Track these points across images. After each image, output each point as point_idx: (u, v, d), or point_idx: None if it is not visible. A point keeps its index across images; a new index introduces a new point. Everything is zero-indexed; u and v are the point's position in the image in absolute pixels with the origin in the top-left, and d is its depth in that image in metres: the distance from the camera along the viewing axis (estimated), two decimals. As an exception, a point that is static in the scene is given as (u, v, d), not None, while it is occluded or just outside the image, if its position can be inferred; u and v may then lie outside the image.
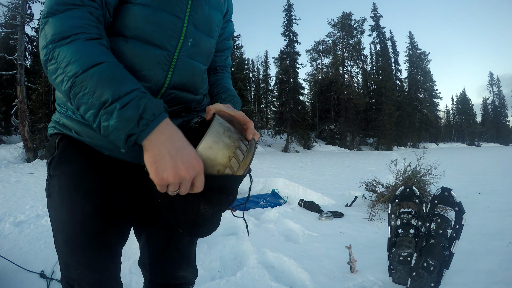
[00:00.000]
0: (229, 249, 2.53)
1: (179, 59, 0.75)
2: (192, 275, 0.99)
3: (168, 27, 0.71)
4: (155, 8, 0.69)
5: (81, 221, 0.73)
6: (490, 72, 54.34)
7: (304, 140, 19.71)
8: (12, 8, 8.67)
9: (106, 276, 0.79)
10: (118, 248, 0.82)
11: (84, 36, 0.58)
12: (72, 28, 0.58)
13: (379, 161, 11.18)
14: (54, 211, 0.76)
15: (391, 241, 2.06)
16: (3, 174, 5.48)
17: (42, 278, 1.92)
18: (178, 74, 0.76)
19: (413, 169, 3.90)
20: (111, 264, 0.80)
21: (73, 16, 0.59)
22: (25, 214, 2.95)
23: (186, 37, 0.75)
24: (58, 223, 0.76)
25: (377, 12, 30.41)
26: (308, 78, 30.07)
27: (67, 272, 0.78)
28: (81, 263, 0.75)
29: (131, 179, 0.81)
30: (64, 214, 0.74)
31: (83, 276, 0.76)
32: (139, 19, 0.69)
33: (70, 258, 0.76)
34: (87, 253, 0.75)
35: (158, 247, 0.91)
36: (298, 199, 4.16)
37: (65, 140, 0.76)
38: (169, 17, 0.71)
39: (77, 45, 0.57)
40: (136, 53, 0.70)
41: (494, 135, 49.42)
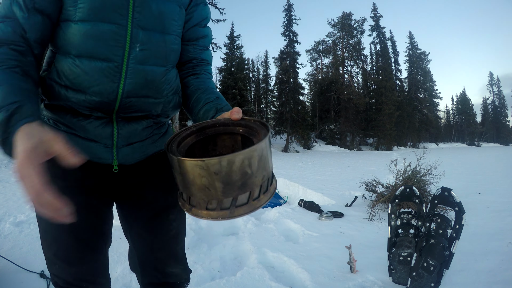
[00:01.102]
0: (229, 249, 2.54)
1: (129, 68, 0.72)
2: (183, 272, 0.98)
3: (109, 37, 0.69)
4: (94, 21, 0.68)
5: (51, 227, 0.78)
6: (490, 72, 54.36)
7: (304, 140, 19.72)
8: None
9: (85, 269, 0.81)
10: (95, 242, 0.83)
11: (3, 67, 0.61)
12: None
13: (379, 161, 11.18)
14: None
15: (391, 241, 2.06)
16: (3, 174, 5.48)
17: (42, 278, 1.92)
18: (130, 83, 0.73)
19: (413, 169, 3.91)
20: (88, 258, 0.82)
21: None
22: (25, 214, 2.95)
23: (132, 42, 0.71)
24: (38, 219, 0.82)
25: (377, 12, 30.42)
26: (308, 78, 30.11)
27: (49, 267, 0.82)
28: (58, 256, 0.80)
29: (103, 180, 0.83)
30: (37, 218, 0.81)
31: (61, 270, 0.81)
32: (80, 36, 0.69)
33: (49, 252, 0.80)
34: (62, 246, 0.79)
35: (144, 247, 0.93)
36: (298, 199, 4.16)
37: None
38: (109, 27, 0.69)
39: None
40: (84, 70, 0.70)
41: (494, 135, 49.43)
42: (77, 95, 0.72)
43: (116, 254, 2.13)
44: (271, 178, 0.56)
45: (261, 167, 0.51)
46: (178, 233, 0.95)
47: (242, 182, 0.49)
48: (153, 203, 0.90)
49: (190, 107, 0.84)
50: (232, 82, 18.97)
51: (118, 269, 2.03)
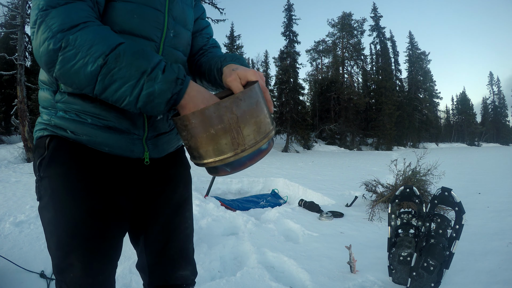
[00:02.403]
0: (229, 249, 2.53)
1: (165, 49, 0.79)
2: (191, 273, 0.97)
3: (152, 19, 0.75)
4: (138, 3, 0.73)
5: (74, 224, 0.72)
6: (490, 72, 54.37)
7: (304, 140, 19.71)
8: (12, 8, 8.66)
9: (100, 280, 0.77)
10: (114, 251, 0.80)
11: (93, 23, 0.61)
12: (80, 17, 0.60)
13: (379, 161, 11.18)
14: (47, 213, 0.74)
15: (391, 241, 2.06)
16: (3, 174, 5.48)
17: (42, 278, 1.92)
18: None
19: (413, 169, 3.90)
20: (106, 268, 0.78)
21: (76, 7, 0.60)
22: (25, 214, 2.95)
23: (168, 28, 0.79)
24: (51, 226, 0.74)
25: (377, 12, 30.40)
26: (308, 78, 30.07)
27: (60, 276, 0.76)
28: (75, 266, 0.73)
29: (129, 177, 0.81)
30: (56, 217, 0.72)
31: (76, 280, 0.74)
32: (125, 13, 0.71)
33: (64, 262, 0.73)
34: (80, 257, 0.73)
35: (157, 247, 0.91)
36: (298, 199, 4.16)
37: (55, 140, 0.74)
38: (152, 11, 0.75)
39: (94, 29, 0.59)
40: None
41: (494, 135, 49.40)
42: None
43: (116, 254, 2.14)
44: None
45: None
46: (191, 232, 0.97)
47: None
48: (172, 199, 0.91)
49: (204, 73, 0.89)
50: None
51: (118, 269, 2.03)
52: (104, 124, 0.72)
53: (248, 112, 0.61)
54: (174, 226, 0.91)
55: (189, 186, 0.99)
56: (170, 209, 0.90)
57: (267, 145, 0.67)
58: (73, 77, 0.59)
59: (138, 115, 0.77)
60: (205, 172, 6.40)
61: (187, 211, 0.95)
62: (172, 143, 0.89)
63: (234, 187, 5.35)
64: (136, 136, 0.77)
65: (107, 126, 0.73)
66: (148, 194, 0.87)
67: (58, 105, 0.73)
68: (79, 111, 0.71)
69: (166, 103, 0.61)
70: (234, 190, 5.32)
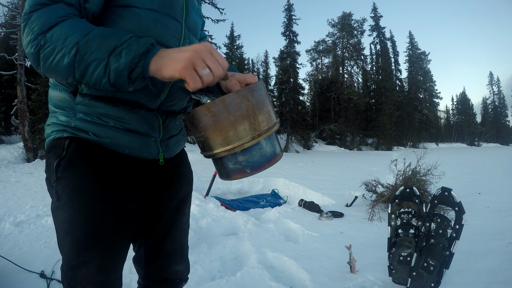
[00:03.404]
0: (229, 249, 2.53)
1: None
2: (185, 269, 1.02)
3: (172, 29, 0.79)
4: (162, 13, 0.76)
5: (92, 222, 0.74)
6: (490, 72, 54.36)
7: (304, 140, 19.71)
8: (12, 8, 8.66)
9: (113, 277, 0.79)
10: (125, 250, 0.83)
11: (70, 18, 0.63)
12: (57, 17, 0.61)
13: (379, 161, 11.18)
14: (63, 212, 0.75)
15: (391, 241, 2.06)
16: (3, 174, 5.48)
17: (42, 278, 1.92)
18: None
19: (413, 169, 3.90)
20: (118, 266, 0.81)
21: (55, 8, 0.62)
22: (25, 214, 2.95)
23: (184, 38, 0.83)
24: (66, 225, 0.75)
25: (377, 12, 30.39)
26: (308, 78, 30.04)
27: (72, 273, 0.76)
28: (89, 264, 0.74)
29: (145, 177, 0.85)
30: (74, 215, 0.74)
31: (88, 277, 0.75)
32: (149, 21, 0.74)
33: (77, 260, 0.75)
34: (96, 254, 0.75)
35: (156, 241, 0.94)
36: (298, 199, 4.16)
37: (76, 142, 0.75)
38: (172, 21, 0.79)
39: (69, 23, 0.61)
40: None
41: (494, 135, 49.39)
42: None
43: (116, 254, 2.14)
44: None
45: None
46: (188, 227, 1.03)
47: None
48: (177, 195, 0.96)
49: None
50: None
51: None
52: (126, 127, 0.76)
53: (260, 101, 0.67)
54: (174, 221, 0.95)
55: (191, 184, 1.05)
56: (173, 205, 0.95)
57: (280, 151, 0.73)
58: (55, 71, 0.62)
59: (155, 118, 0.82)
60: (205, 172, 6.39)
61: (186, 207, 1.01)
62: (180, 144, 0.96)
63: (234, 187, 5.35)
64: (153, 139, 0.83)
65: (128, 129, 0.77)
66: (157, 191, 0.92)
67: (79, 107, 0.74)
68: (101, 114, 0.74)
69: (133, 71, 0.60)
70: (234, 190, 5.32)
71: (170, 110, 0.86)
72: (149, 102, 0.79)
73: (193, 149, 10.18)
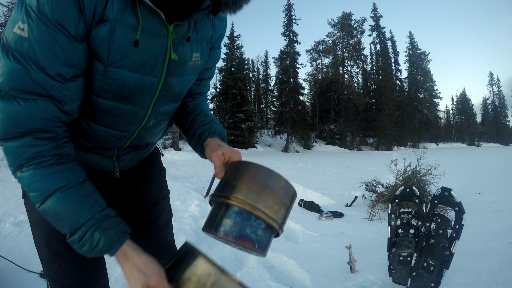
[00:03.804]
0: (229, 249, 2.53)
1: (139, 134, 0.79)
2: None
3: (129, 117, 0.72)
4: (117, 102, 0.68)
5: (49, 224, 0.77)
6: (490, 72, 54.41)
7: (304, 140, 19.72)
8: (12, 8, 8.68)
9: (86, 266, 0.81)
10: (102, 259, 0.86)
11: (37, 162, 0.58)
12: (24, 160, 0.57)
13: (379, 161, 11.18)
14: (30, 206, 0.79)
15: (391, 241, 2.06)
16: (3, 174, 5.48)
17: (42, 278, 1.92)
18: (135, 141, 0.82)
19: (413, 169, 3.91)
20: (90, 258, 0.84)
21: (22, 146, 0.57)
22: (25, 214, 2.95)
23: (149, 118, 0.75)
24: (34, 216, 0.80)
25: (377, 12, 30.41)
26: (308, 78, 30.07)
27: (48, 270, 0.82)
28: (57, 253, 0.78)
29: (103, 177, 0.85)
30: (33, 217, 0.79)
31: (61, 269, 0.79)
32: (100, 111, 0.68)
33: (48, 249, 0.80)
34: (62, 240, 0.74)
35: (135, 241, 0.94)
36: (298, 199, 4.16)
37: None
38: (132, 109, 0.70)
39: (31, 175, 0.57)
40: (98, 134, 0.73)
41: (494, 135, 49.42)
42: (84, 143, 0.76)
43: (116, 254, 2.14)
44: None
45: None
46: (166, 223, 1.02)
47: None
48: (146, 197, 0.95)
49: (186, 129, 0.86)
50: (232, 82, 18.95)
51: (118, 269, 2.03)
52: (79, 143, 0.76)
53: (289, 211, 0.66)
54: (148, 221, 0.95)
55: (164, 186, 1.03)
56: (144, 207, 0.95)
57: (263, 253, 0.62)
58: None
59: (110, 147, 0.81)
60: (205, 172, 6.40)
61: (162, 206, 1.00)
62: (142, 156, 0.94)
63: (234, 187, 5.35)
64: (107, 156, 0.82)
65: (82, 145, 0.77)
66: (121, 194, 0.91)
67: None
68: None
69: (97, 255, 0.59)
70: (234, 190, 5.32)
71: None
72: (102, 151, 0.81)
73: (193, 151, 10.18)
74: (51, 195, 0.57)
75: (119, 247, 0.58)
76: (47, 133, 0.59)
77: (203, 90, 0.95)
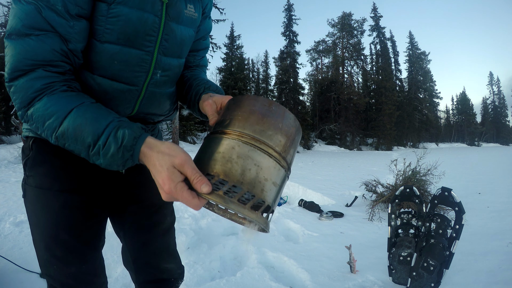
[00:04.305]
0: (229, 249, 2.53)
1: (147, 91, 0.77)
2: (177, 267, 1.01)
3: (135, 63, 0.71)
4: (122, 45, 0.68)
5: (53, 214, 0.76)
6: (490, 72, 54.41)
7: (304, 140, 19.74)
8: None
9: (84, 269, 0.80)
10: (94, 241, 0.84)
11: (49, 91, 0.59)
12: (35, 92, 0.58)
13: (379, 161, 11.18)
14: (30, 207, 0.79)
15: (391, 241, 2.06)
16: (3, 174, 5.48)
17: (42, 278, 1.92)
18: (145, 104, 0.78)
19: (413, 169, 3.90)
20: (87, 257, 0.82)
21: (33, 78, 0.58)
22: (25, 214, 2.95)
23: (156, 68, 0.75)
24: (34, 218, 0.79)
25: (377, 12, 30.41)
26: (308, 78, 30.07)
27: (46, 269, 0.80)
28: (56, 256, 0.77)
29: (105, 178, 0.84)
30: (38, 209, 0.78)
31: (59, 271, 0.78)
32: (106, 58, 0.68)
33: (46, 253, 0.78)
34: (61, 245, 0.77)
35: (137, 243, 0.94)
36: (298, 199, 4.16)
37: (38, 142, 0.79)
38: (137, 53, 0.70)
39: (45, 103, 0.58)
40: (104, 89, 0.71)
41: (494, 135, 49.42)
42: None
43: (116, 254, 2.13)
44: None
45: None
46: (170, 227, 1.00)
47: None
48: (150, 199, 0.93)
49: (184, 94, 0.87)
50: (232, 82, 18.97)
51: (118, 269, 2.03)
52: None
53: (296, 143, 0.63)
54: (152, 224, 0.94)
55: None
56: (148, 209, 0.93)
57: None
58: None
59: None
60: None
61: (166, 209, 0.99)
62: None
63: (234, 187, 5.35)
64: None
65: None
66: (125, 195, 0.91)
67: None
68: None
69: (121, 170, 0.59)
70: (234, 190, 5.32)
71: None
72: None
73: (193, 149, 10.19)
74: (68, 114, 0.57)
75: (144, 139, 0.56)
76: (56, 67, 0.61)
77: (201, 63, 0.96)
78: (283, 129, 0.58)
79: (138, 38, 0.69)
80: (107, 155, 0.56)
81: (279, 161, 0.56)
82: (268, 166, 0.54)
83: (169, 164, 0.51)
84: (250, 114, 0.57)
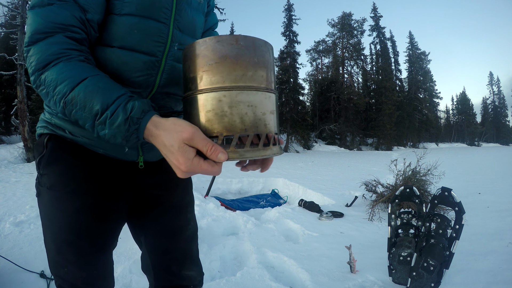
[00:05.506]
0: (229, 249, 2.53)
1: (167, 64, 0.76)
2: (197, 274, 0.98)
3: (154, 33, 0.73)
4: (141, 16, 0.70)
5: (68, 218, 0.75)
6: (490, 72, 54.45)
7: (304, 140, 19.72)
8: (12, 8, 8.66)
9: (95, 274, 0.79)
10: (107, 246, 0.82)
11: (65, 58, 0.60)
12: (52, 55, 0.59)
13: (379, 161, 11.18)
14: (43, 208, 0.78)
15: (391, 241, 2.06)
16: (3, 174, 5.48)
17: (42, 278, 1.92)
18: (166, 78, 0.77)
19: (413, 169, 3.90)
20: (100, 262, 0.81)
21: (52, 43, 0.60)
22: (25, 214, 2.95)
23: (173, 41, 0.76)
24: (47, 221, 0.77)
25: (377, 12, 30.40)
26: (308, 78, 30.05)
27: (55, 270, 0.79)
28: (68, 260, 0.76)
29: (124, 178, 0.82)
30: (52, 211, 0.76)
31: (70, 274, 0.77)
32: (125, 28, 0.70)
33: (58, 255, 0.77)
34: (73, 250, 0.76)
35: (159, 249, 0.91)
36: (298, 199, 4.16)
37: (54, 139, 0.78)
38: (155, 24, 0.72)
39: (59, 68, 0.59)
40: (125, 61, 0.71)
41: (494, 135, 49.41)
42: None
43: (116, 254, 2.13)
44: None
45: None
46: (193, 233, 0.97)
47: None
48: (171, 203, 0.91)
49: None
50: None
51: (118, 269, 2.03)
52: None
53: (272, 63, 0.63)
54: (175, 229, 0.92)
55: (189, 189, 0.99)
56: (169, 212, 0.91)
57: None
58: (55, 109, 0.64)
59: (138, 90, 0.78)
60: (205, 172, 6.39)
61: (189, 213, 0.96)
62: None
63: (234, 187, 5.35)
64: None
65: None
66: (144, 197, 0.88)
67: (48, 120, 0.78)
68: (72, 131, 0.75)
69: (124, 143, 0.58)
70: (234, 190, 5.32)
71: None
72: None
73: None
74: (81, 81, 0.58)
75: (151, 116, 0.56)
76: (75, 33, 0.63)
77: None
78: (260, 62, 0.56)
79: (155, 9, 0.71)
80: (113, 125, 0.56)
81: (267, 89, 0.56)
82: (260, 100, 0.55)
83: (179, 141, 0.51)
84: (222, 61, 0.54)
